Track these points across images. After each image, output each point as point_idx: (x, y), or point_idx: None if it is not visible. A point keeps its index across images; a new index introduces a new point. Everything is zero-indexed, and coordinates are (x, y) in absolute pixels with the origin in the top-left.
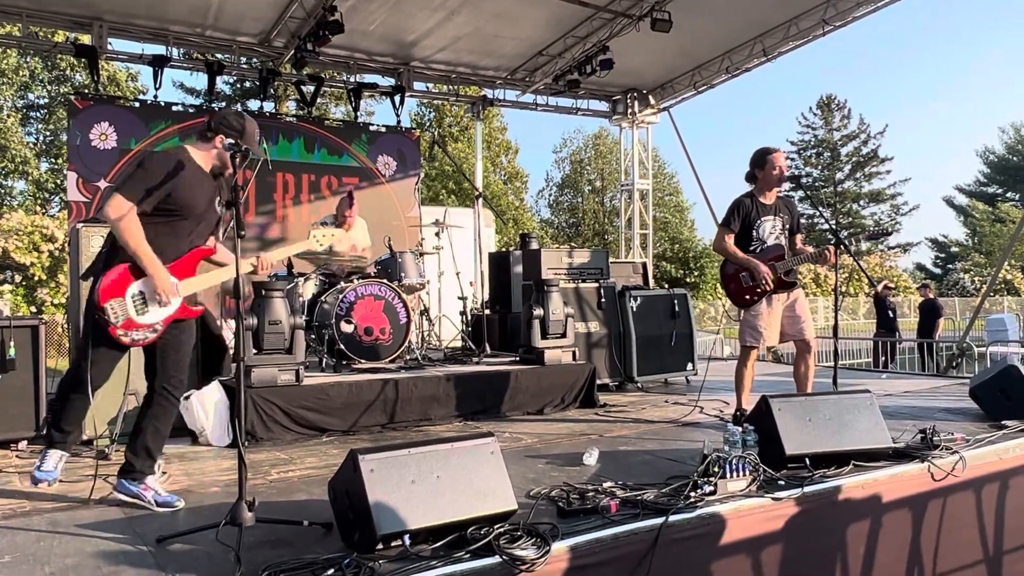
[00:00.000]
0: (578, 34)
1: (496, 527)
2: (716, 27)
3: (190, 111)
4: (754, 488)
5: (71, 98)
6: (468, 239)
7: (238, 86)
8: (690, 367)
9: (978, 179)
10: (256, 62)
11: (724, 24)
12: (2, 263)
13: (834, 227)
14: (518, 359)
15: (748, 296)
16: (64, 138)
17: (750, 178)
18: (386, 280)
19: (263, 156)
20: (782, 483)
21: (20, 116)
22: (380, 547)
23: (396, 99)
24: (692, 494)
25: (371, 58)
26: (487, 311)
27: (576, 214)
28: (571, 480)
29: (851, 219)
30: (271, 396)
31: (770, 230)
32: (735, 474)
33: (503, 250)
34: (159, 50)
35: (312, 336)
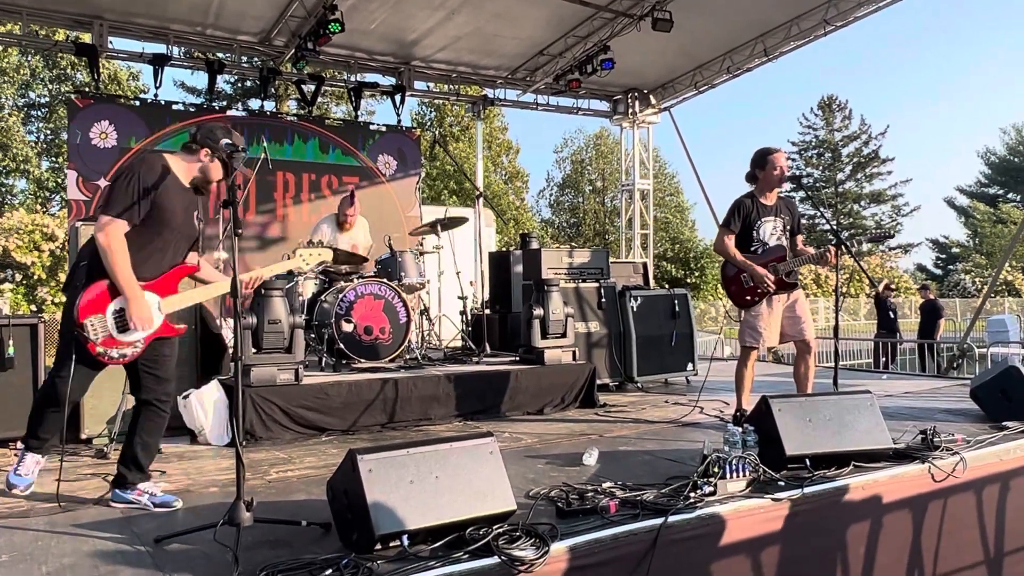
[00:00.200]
0: (579, 34)
1: (495, 527)
2: (717, 27)
3: (191, 110)
4: (754, 489)
5: (71, 97)
6: (468, 239)
7: (239, 85)
8: (690, 367)
9: (979, 180)
10: (257, 61)
11: (725, 24)
12: (3, 262)
13: (835, 228)
14: (518, 359)
15: (749, 297)
16: (65, 137)
17: (751, 178)
18: (386, 279)
19: (263, 155)
20: (782, 484)
21: (21, 115)
22: (378, 547)
23: (397, 98)
24: (692, 494)
25: (372, 57)
26: (487, 311)
27: (577, 214)
28: (570, 480)
29: (852, 220)
30: (270, 395)
31: (771, 231)
32: (735, 474)
33: (503, 250)
34: (159, 49)
35: (312, 335)
